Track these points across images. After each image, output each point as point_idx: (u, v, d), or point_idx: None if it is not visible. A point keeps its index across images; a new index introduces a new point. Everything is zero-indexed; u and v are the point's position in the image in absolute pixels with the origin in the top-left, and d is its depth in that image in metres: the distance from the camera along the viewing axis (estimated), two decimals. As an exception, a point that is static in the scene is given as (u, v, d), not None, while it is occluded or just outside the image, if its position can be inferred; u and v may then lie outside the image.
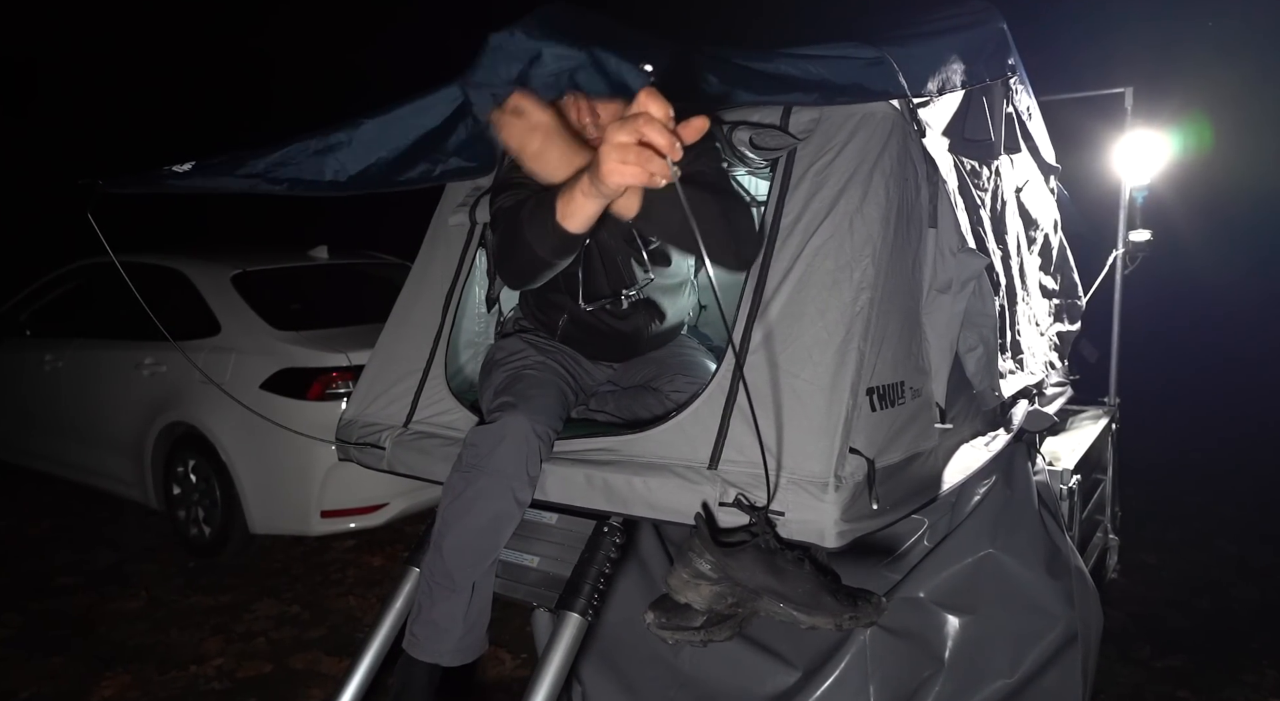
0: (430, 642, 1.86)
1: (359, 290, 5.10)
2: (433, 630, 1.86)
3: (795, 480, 1.59)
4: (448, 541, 1.86)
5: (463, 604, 1.85)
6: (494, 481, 1.83)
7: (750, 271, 1.82)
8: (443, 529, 1.88)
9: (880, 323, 1.72)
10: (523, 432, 1.85)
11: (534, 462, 1.88)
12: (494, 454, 1.84)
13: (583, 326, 2.18)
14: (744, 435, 1.68)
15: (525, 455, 1.85)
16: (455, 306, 2.32)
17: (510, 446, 1.84)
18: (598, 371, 2.27)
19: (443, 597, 1.86)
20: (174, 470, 4.43)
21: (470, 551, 1.85)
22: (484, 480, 1.84)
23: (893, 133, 1.81)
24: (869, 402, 1.66)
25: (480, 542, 1.85)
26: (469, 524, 1.85)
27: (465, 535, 1.84)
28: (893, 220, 1.78)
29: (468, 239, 2.38)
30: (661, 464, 1.77)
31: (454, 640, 1.86)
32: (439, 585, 1.87)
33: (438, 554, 1.88)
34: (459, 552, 1.85)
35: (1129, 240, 3.37)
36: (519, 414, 1.88)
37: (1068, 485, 2.47)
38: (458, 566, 1.85)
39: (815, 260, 1.76)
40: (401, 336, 2.35)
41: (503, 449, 1.84)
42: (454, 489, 1.87)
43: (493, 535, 1.86)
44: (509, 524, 1.88)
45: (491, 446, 1.85)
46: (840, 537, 1.55)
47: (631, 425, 2.02)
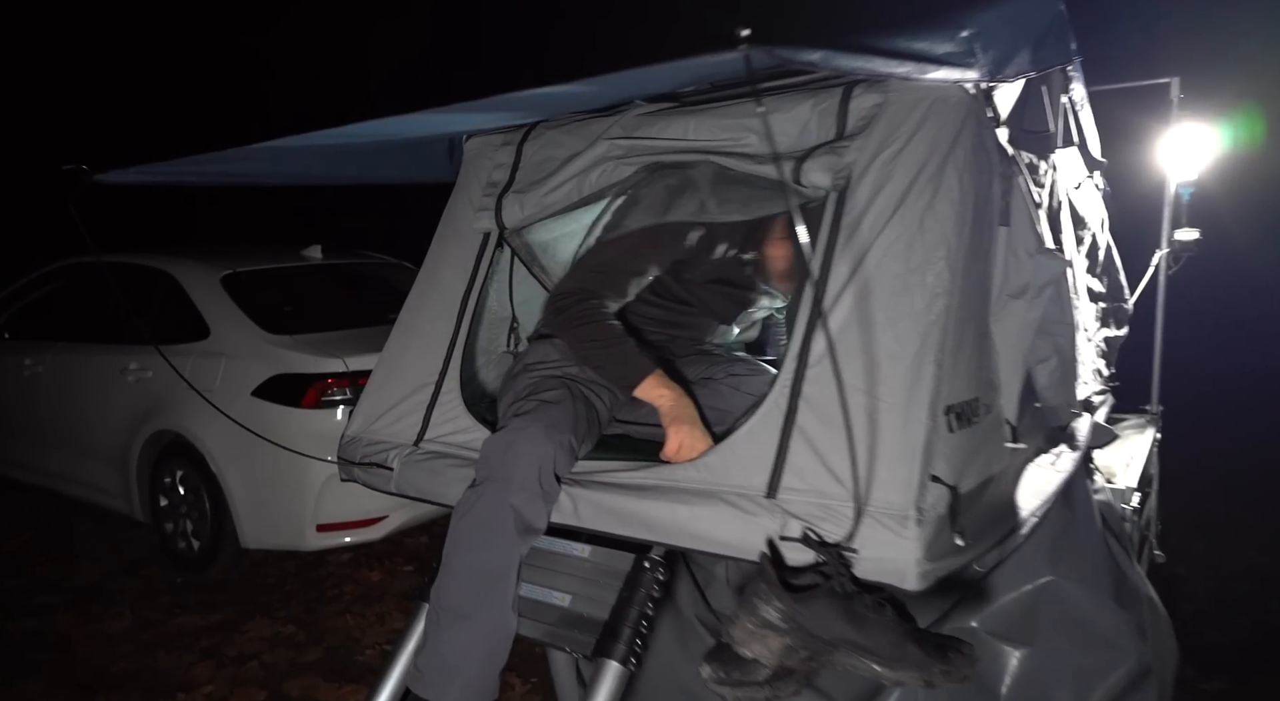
0: (436, 679, 1.67)
1: (355, 292, 4.93)
2: (439, 664, 1.67)
3: (870, 512, 1.40)
4: (456, 562, 1.69)
5: (474, 637, 1.67)
6: (503, 492, 1.67)
7: (809, 272, 1.63)
8: (452, 549, 1.71)
9: (956, 333, 1.53)
10: (535, 438, 1.70)
11: (548, 474, 1.70)
12: (503, 461, 1.69)
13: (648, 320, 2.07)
14: (807, 459, 1.49)
15: (538, 464, 1.68)
16: (470, 313, 2.12)
17: (520, 452, 1.69)
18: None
19: (451, 628, 1.68)
20: (161, 481, 4.24)
21: (481, 574, 1.68)
22: (493, 491, 1.68)
23: (966, 120, 1.62)
24: (947, 423, 1.48)
25: (492, 563, 1.68)
26: (479, 542, 1.68)
27: (475, 555, 1.68)
28: (968, 218, 1.59)
29: (484, 240, 2.18)
30: (709, 490, 1.58)
31: (463, 679, 1.67)
32: (447, 613, 1.69)
33: (447, 577, 1.70)
34: (469, 575, 1.68)
35: (1174, 239, 3.20)
36: (533, 420, 1.74)
37: (1130, 504, 2.29)
38: (468, 591, 1.67)
39: (882, 262, 1.57)
40: (410, 346, 2.15)
41: (512, 455, 1.69)
42: (464, 504, 1.72)
43: (505, 555, 1.68)
44: (523, 543, 1.70)
45: (501, 453, 1.70)
46: (922, 579, 1.36)
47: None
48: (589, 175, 1.99)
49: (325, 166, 2.40)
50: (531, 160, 2.17)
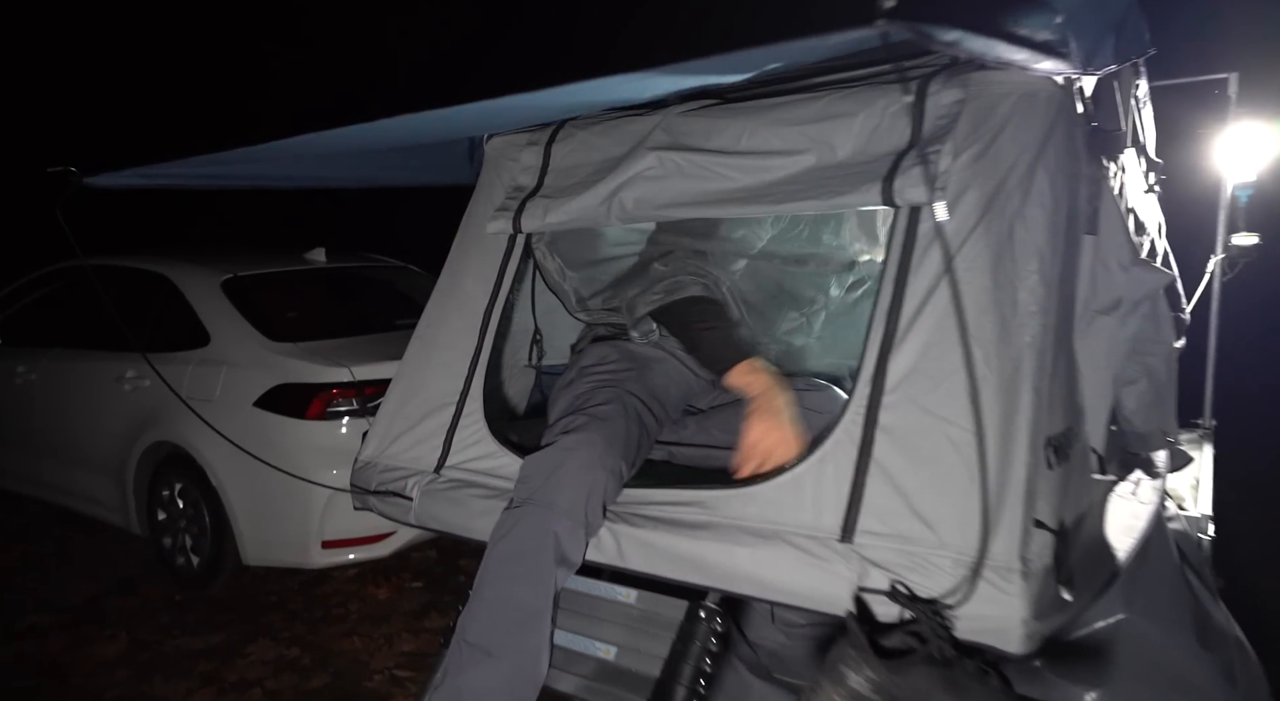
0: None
1: (361, 296, 4.75)
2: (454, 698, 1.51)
3: (966, 562, 1.23)
4: (489, 592, 1.55)
5: (498, 678, 1.51)
6: (545, 518, 1.52)
7: (880, 287, 1.46)
8: (484, 577, 1.56)
9: (1053, 356, 1.36)
10: (586, 462, 1.56)
11: (595, 503, 1.55)
12: (547, 484, 1.56)
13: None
14: (887, 498, 1.33)
15: (586, 490, 1.54)
16: (494, 327, 1.95)
17: (567, 476, 1.55)
18: (697, 382, 1.93)
19: (475, 665, 1.52)
20: (159, 493, 4.05)
21: (514, 608, 1.53)
22: (534, 517, 1.53)
23: (1058, 117, 1.46)
24: (1045, 458, 1.31)
25: (527, 597, 1.53)
26: (515, 573, 1.53)
27: (510, 587, 1.53)
28: (1061, 227, 1.43)
29: (508, 248, 2.01)
30: (772, 530, 1.41)
31: None
32: (472, 648, 1.53)
33: (477, 607, 1.55)
34: (500, 607, 1.53)
35: (1231, 244, 3.03)
36: (585, 441, 1.59)
37: (1206, 534, 2.13)
38: (498, 625, 1.52)
39: (968, 276, 1.40)
40: (429, 363, 1.98)
41: (557, 479, 1.55)
42: (500, 529, 1.59)
43: (542, 588, 1.53)
44: (561, 577, 1.54)
45: (545, 475, 1.58)
46: (1028, 640, 1.20)
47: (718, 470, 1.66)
48: (625, 195, 1.81)
49: (334, 169, 2.23)
50: (561, 164, 2.00)
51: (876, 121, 1.56)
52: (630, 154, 1.85)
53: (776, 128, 1.68)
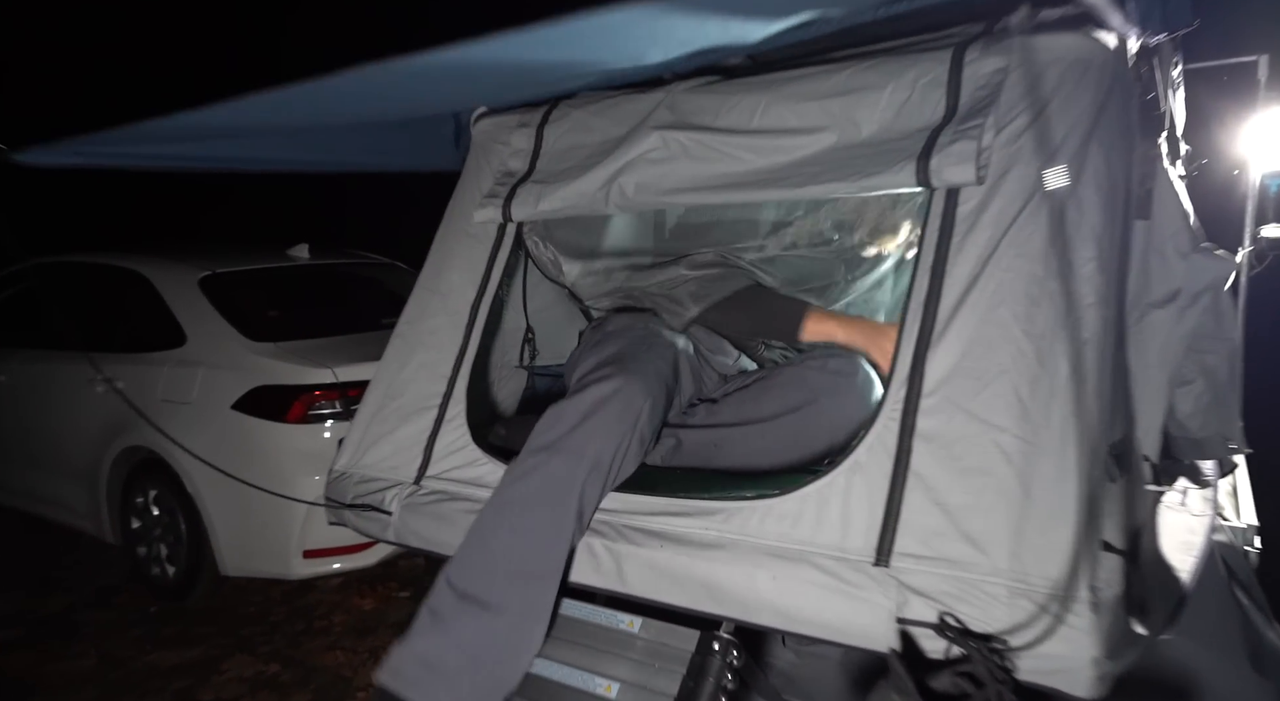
0: (428, 678, 1.33)
1: (346, 295, 4.59)
2: (439, 658, 1.33)
3: (1027, 592, 1.07)
4: (494, 541, 1.38)
5: (497, 634, 1.33)
6: (574, 468, 1.38)
7: (915, 277, 1.30)
8: (489, 522, 1.42)
9: (1113, 354, 1.20)
10: (622, 411, 1.43)
11: (619, 463, 1.41)
12: (577, 431, 1.41)
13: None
14: (929, 515, 1.16)
15: (616, 443, 1.41)
16: (481, 324, 1.78)
17: (603, 423, 1.41)
18: (708, 375, 1.83)
19: (469, 616, 1.34)
20: (133, 501, 3.89)
21: (522, 562, 1.37)
22: (561, 465, 1.39)
23: (1113, 87, 1.30)
24: (1108, 469, 1.15)
25: (539, 553, 1.38)
26: (530, 523, 1.38)
27: (522, 538, 1.38)
28: (1118, 209, 1.27)
29: (497, 238, 1.84)
30: (796, 551, 1.25)
31: (466, 686, 1.32)
32: (465, 599, 1.35)
33: (477, 554, 1.38)
34: (505, 559, 1.37)
35: (1259, 237, 2.88)
36: (625, 385, 1.45)
37: (1253, 546, 1.97)
38: (498, 578, 1.36)
39: (1015, 264, 1.24)
40: (409, 363, 1.81)
41: (591, 426, 1.41)
42: (514, 472, 1.45)
43: (556, 547, 1.39)
44: (576, 536, 1.42)
45: (574, 422, 1.43)
46: (1100, 683, 1.04)
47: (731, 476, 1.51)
48: (626, 179, 1.65)
49: (304, 149, 2.05)
50: (555, 147, 1.84)
51: (906, 94, 1.41)
52: (631, 134, 1.70)
53: (794, 103, 1.52)
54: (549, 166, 1.83)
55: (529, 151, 1.87)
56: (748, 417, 1.64)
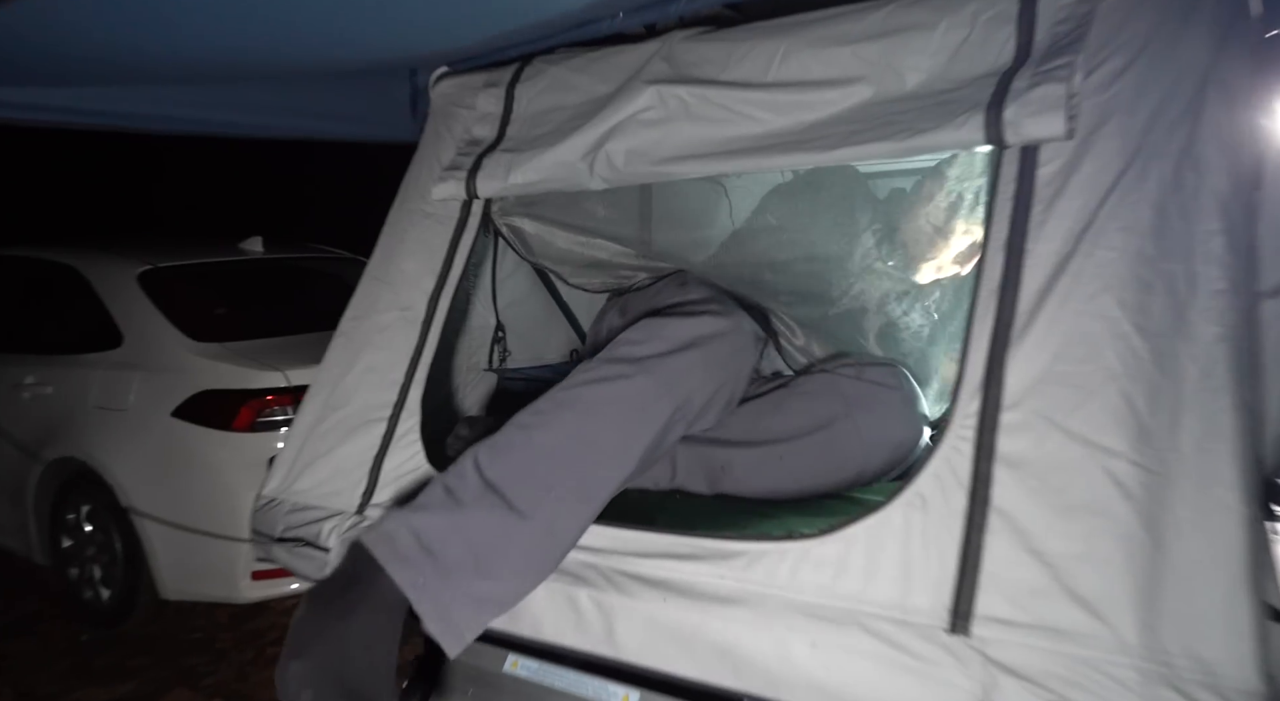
0: (415, 557, 1.10)
1: (303, 292, 4.28)
2: (438, 541, 1.11)
3: (1164, 677, 0.79)
4: (541, 438, 1.18)
5: (517, 539, 1.12)
6: (659, 396, 1.20)
7: (984, 256, 1.04)
8: (544, 414, 1.21)
9: (1251, 355, 0.94)
10: (739, 353, 1.29)
11: (712, 415, 1.27)
12: (680, 356, 1.23)
13: None
14: (1021, 567, 0.89)
15: (719, 388, 1.26)
16: (441, 320, 1.49)
17: (711, 358, 1.24)
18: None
19: (490, 510, 1.13)
20: (63, 517, 3.59)
21: (570, 474, 1.16)
22: (645, 385, 1.21)
23: (1234, 19, 1.04)
24: (1263, 505, 0.88)
25: (591, 472, 1.17)
26: (588, 431, 1.18)
27: (577, 448, 1.18)
28: (1244, 172, 1.00)
29: (461, 218, 1.56)
30: (842, 610, 0.97)
31: (457, 587, 1.09)
32: (491, 490, 1.14)
33: (521, 448, 1.18)
34: (552, 463, 1.16)
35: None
36: (735, 325, 1.31)
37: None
38: (536, 483, 1.14)
39: (1119, 239, 0.97)
40: (354, 367, 1.51)
41: (697, 356, 1.23)
42: (588, 372, 1.25)
43: (610, 472, 1.18)
44: (638, 467, 1.22)
45: (680, 343, 1.25)
46: None
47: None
48: (614, 146, 1.37)
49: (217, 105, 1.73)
50: (528, 109, 1.57)
51: (964, 33, 1.14)
52: (620, 92, 1.42)
53: (820, 50, 1.25)
54: (522, 133, 1.55)
55: (498, 116, 1.59)
56: (764, 435, 1.37)
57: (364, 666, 1.06)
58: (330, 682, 1.04)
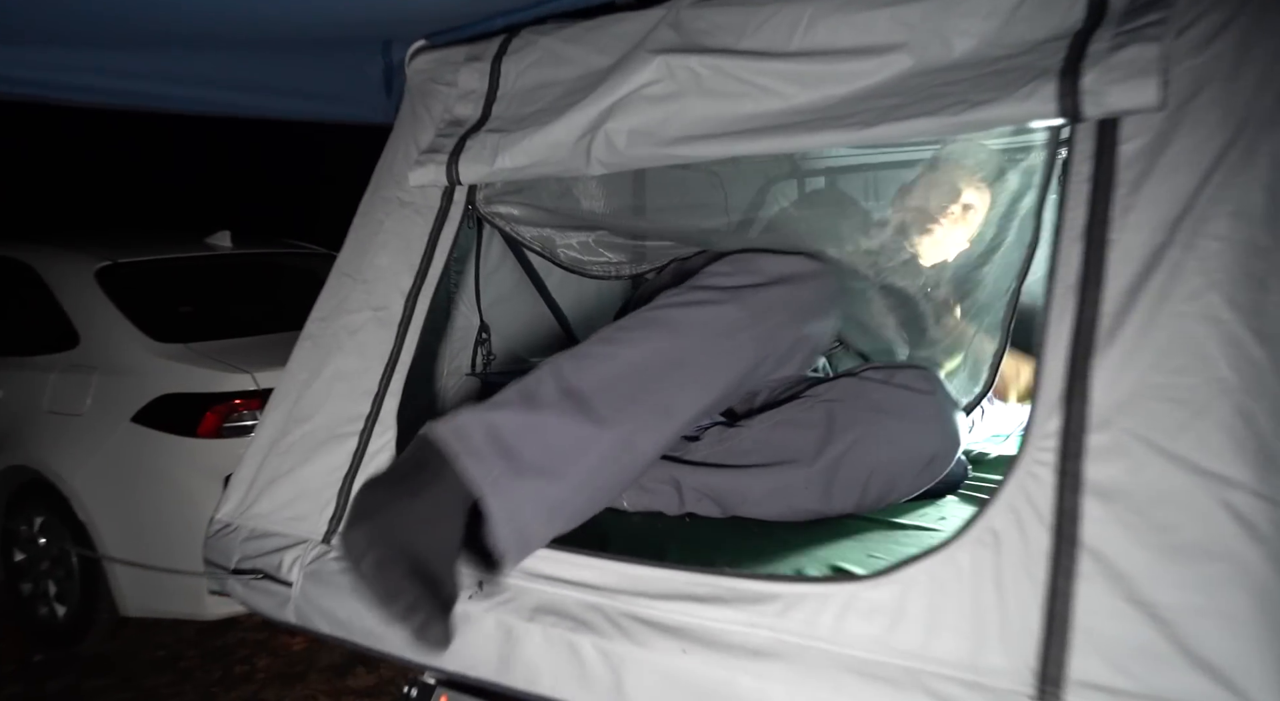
0: (487, 453, 1.06)
1: (273, 288, 4.13)
2: (513, 439, 1.07)
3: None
4: (630, 352, 1.15)
5: (583, 446, 1.08)
6: (749, 319, 1.18)
7: (1058, 247, 0.89)
8: (628, 330, 1.18)
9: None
10: (828, 296, 1.25)
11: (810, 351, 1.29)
12: (771, 290, 1.20)
13: None
14: (1123, 617, 0.75)
15: (803, 335, 1.23)
16: (420, 321, 1.33)
17: (801, 297, 1.21)
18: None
19: (561, 410, 1.10)
20: (15, 529, 3.43)
21: (653, 382, 1.14)
22: (735, 314, 1.18)
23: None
24: None
25: (673, 385, 1.15)
26: (675, 350, 1.15)
27: (659, 358, 1.15)
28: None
29: (442, 207, 1.40)
30: (899, 669, 0.82)
31: (529, 489, 1.05)
32: (566, 393, 1.11)
33: (599, 354, 1.16)
34: (637, 372, 1.13)
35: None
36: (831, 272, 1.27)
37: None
38: (619, 388, 1.12)
39: (1225, 227, 0.83)
40: (321, 374, 1.35)
41: (787, 293, 1.20)
42: (677, 296, 1.21)
43: (696, 393, 1.16)
44: (719, 398, 1.20)
45: (771, 277, 1.21)
46: None
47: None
48: (616, 125, 1.22)
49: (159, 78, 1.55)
50: (517, 86, 1.41)
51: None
52: (621, 65, 1.27)
53: (852, 13, 1.10)
54: (509, 112, 1.39)
55: (482, 93, 1.44)
56: (783, 452, 1.23)
57: (429, 543, 1.02)
58: (395, 549, 0.99)
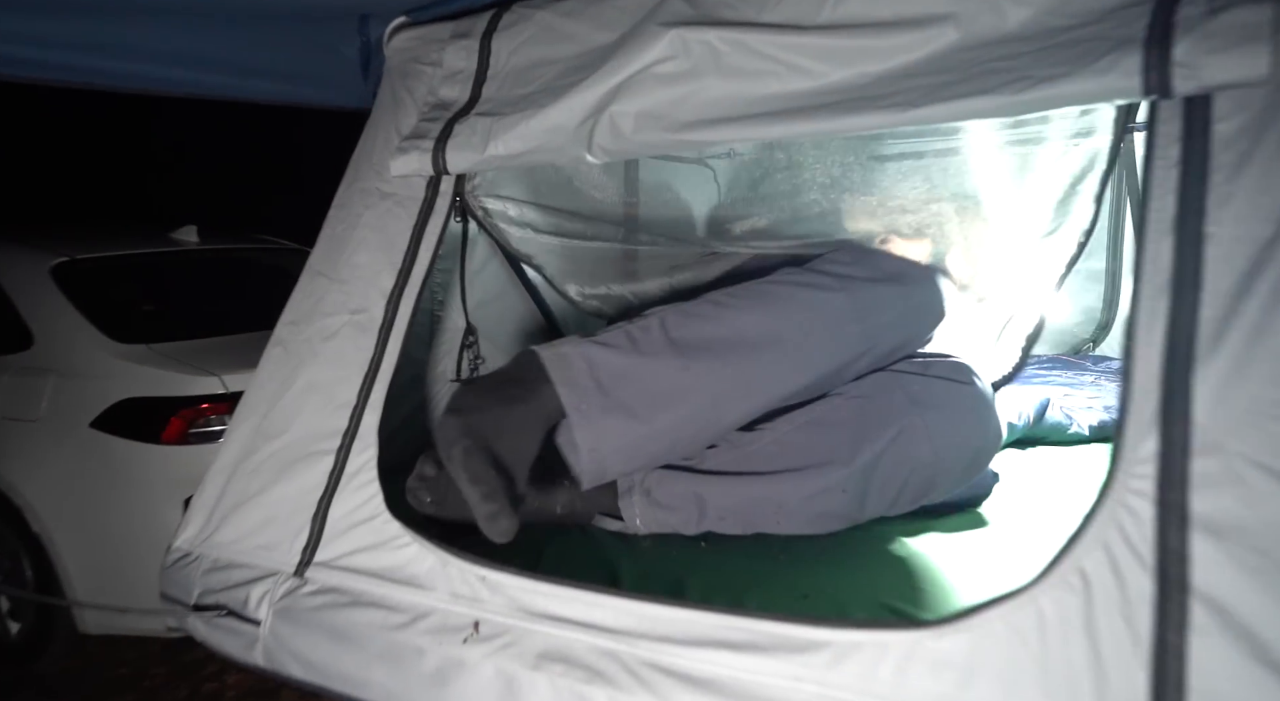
0: (582, 383, 1.14)
1: (243, 285, 3.97)
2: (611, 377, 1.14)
3: None
4: (735, 318, 1.19)
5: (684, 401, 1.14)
6: (855, 312, 1.19)
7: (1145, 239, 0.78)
8: (736, 297, 1.21)
9: None
10: (938, 294, 1.26)
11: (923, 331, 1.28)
12: (876, 288, 1.21)
13: None
14: (1251, 686, 0.64)
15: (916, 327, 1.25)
16: (404, 326, 1.20)
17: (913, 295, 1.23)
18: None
19: (662, 358, 1.16)
20: None
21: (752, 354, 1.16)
22: (842, 300, 1.20)
23: None
24: None
25: (770, 360, 1.17)
26: (779, 326, 1.18)
27: (765, 332, 1.17)
28: None
29: (426, 198, 1.27)
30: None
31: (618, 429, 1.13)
32: (671, 343, 1.17)
33: (707, 313, 1.20)
34: (738, 340, 1.17)
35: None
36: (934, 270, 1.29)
37: None
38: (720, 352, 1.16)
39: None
40: (293, 384, 1.22)
41: (900, 291, 1.22)
42: (788, 275, 1.23)
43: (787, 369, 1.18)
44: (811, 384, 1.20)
45: (879, 273, 1.22)
46: None
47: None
48: (622, 108, 1.10)
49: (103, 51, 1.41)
50: (509, 65, 1.29)
51: None
52: (627, 41, 1.14)
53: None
54: (501, 93, 1.27)
55: (470, 73, 1.31)
56: (817, 455, 1.14)
57: (510, 446, 1.09)
58: (480, 445, 1.07)
